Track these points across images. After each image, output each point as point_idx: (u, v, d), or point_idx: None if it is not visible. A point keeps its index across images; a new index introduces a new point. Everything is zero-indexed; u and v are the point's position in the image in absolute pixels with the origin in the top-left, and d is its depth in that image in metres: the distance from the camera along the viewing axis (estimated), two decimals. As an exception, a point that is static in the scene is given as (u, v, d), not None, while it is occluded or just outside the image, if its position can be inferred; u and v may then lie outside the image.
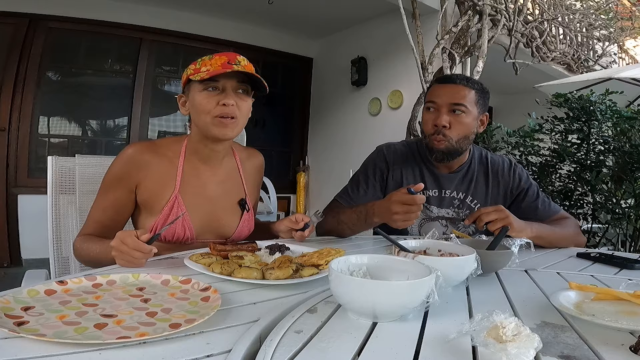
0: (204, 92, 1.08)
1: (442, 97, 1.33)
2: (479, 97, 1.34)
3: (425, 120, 1.38)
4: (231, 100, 1.08)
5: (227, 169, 1.23)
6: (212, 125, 1.09)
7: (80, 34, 3.70)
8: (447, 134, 1.32)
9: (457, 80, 1.35)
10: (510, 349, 0.43)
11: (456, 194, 1.43)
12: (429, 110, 1.37)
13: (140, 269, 0.82)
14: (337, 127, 4.56)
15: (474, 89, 1.34)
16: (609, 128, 2.52)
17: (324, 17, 4.19)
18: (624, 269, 1.03)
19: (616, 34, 5.21)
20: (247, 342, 0.51)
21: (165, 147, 1.15)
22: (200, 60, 1.09)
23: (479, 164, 1.47)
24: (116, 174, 1.10)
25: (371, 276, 0.67)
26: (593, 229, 2.62)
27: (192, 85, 1.10)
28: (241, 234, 1.23)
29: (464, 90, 1.32)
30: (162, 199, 1.11)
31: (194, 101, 1.10)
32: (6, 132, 3.36)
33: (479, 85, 1.36)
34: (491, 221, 1.15)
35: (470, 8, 3.20)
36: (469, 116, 1.33)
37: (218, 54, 1.10)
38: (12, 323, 0.53)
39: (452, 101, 1.31)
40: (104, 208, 1.10)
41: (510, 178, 1.45)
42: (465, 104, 1.31)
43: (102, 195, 1.11)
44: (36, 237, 1.70)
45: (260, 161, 1.34)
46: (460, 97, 1.31)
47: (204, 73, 1.06)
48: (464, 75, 1.38)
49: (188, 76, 1.10)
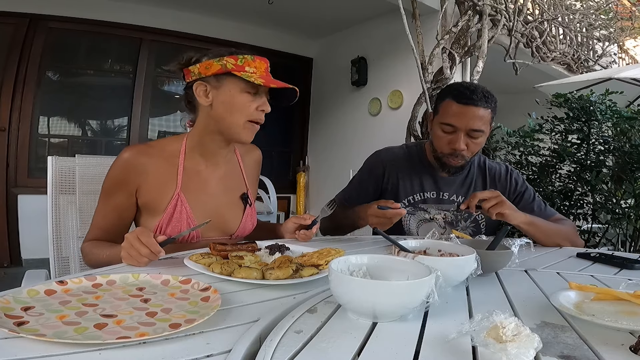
0: (245, 93, 1.07)
1: (462, 121, 1.28)
2: (493, 114, 1.32)
3: (440, 138, 1.33)
4: (269, 108, 1.10)
5: (229, 164, 1.23)
6: (242, 127, 1.09)
7: (80, 34, 3.70)
8: (464, 155, 1.33)
9: (478, 102, 1.27)
10: (510, 349, 0.43)
11: (455, 197, 1.45)
12: (446, 131, 1.31)
13: (141, 269, 0.82)
14: (337, 127, 4.56)
15: (490, 108, 1.29)
16: (609, 128, 2.52)
17: (324, 17, 4.19)
18: (624, 269, 1.03)
19: (616, 34, 5.21)
20: (247, 342, 0.51)
21: (160, 148, 1.13)
22: (242, 58, 1.06)
23: (477, 169, 1.49)
24: (115, 179, 1.09)
25: (371, 276, 0.67)
26: (593, 229, 2.62)
27: (227, 79, 1.06)
28: (245, 229, 1.23)
29: (484, 114, 1.28)
30: (164, 199, 1.10)
31: (230, 98, 1.07)
32: (6, 132, 3.36)
33: (495, 102, 1.31)
34: (485, 200, 1.19)
35: (470, 8, 3.20)
36: (484, 136, 1.33)
37: (258, 56, 1.09)
38: (12, 323, 0.53)
39: (472, 127, 1.28)
40: (105, 214, 1.10)
41: (508, 182, 1.47)
42: (484, 129, 1.30)
43: (103, 201, 1.11)
44: (36, 237, 1.70)
45: (258, 155, 1.35)
46: (481, 123, 1.28)
47: (255, 75, 1.05)
48: (482, 92, 1.29)
49: (227, 69, 1.05)
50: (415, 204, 1.46)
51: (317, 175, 4.86)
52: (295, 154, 4.98)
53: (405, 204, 1.45)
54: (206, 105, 1.09)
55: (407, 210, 1.45)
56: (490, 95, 1.31)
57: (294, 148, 4.98)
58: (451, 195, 1.45)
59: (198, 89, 1.09)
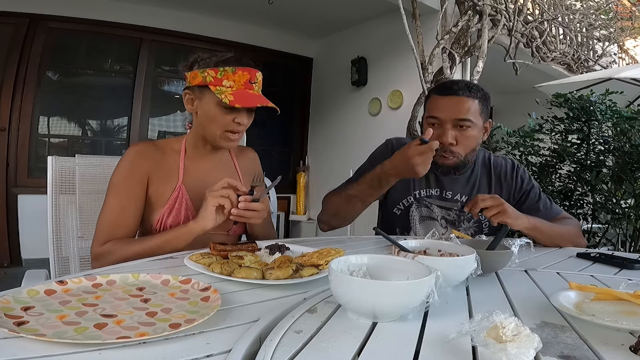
0: (220, 107, 1.10)
1: (445, 111, 1.25)
2: (482, 106, 1.28)
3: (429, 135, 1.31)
4: (245, 121, 1.13)
5: (224, 162, 1.28)
6: (219, 137, 1.14)
7: (80, 34, 3.70)
8: (454, 151, 1.27)
9: (459, 91, 1.25)
10: (510, 349, 0.43)
11: (459, 197, 1.42)
12: (432, 126, 1.28)
13: (144, 269, 0.82)
14: (337, 127, 4.56)
15: (477, 98, 1.26)
16: (609, 128, 2.52)
17: (324, 17, 4.19)
18: (624, 269, 1.03)
19: (616, 34, 5.21)
20: (247, 342, 0.51)
21: (165, 145, 1.20)
22: (223, 71, 1.08)
23: (482, 167, 1.46)
24: (127, 170, 1.11)
25: (371, 276, 0.67)
26: (593, 229, 2.62)
27: (207, 91, 1.10)
28: (241, 226, 1.25)
29: (467, 103, 1.24)
30: (167, 192, 1.15)
31: (207, 110, 1.12)
32: (6, 132, 3.36)
33: (481, 93, 1.29)
34: (487, 208, 1.16)
35: (470, 8, 3.19)
36: (475, 128, 1.27)
37: (241, 67, 1.09)
38: (12, 323, 0.53)
39: (456, 116, 1.24)
40: (122, 208, 1.09)
41: (514, 181, 1.44)
42: (471, 118, 1.25)
43: (116, 197, 1.10)
44: (36, 237, 1.70)
45: (252, 153, 1.40)
46: (465, 111, 1.24)
47: (229, 91, 1.07)
48: (464, 83, 1.29)
49: (206, 82, 1.09)
50: (420, 200, 1.44)
51: (317, 175, 4.85)
52: (295, 154, 4.98)
53: (410, 199, 1.44)
54: (192, 112, 1.17)
55: (413, 204, 1.44)
56: (475, 86, 1.29)
57: (294, 148, 4.98)
58: (455, 195, 1.42)
59: (186, 97, 1.16)
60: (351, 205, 1.32)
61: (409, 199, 1.44)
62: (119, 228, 1.09)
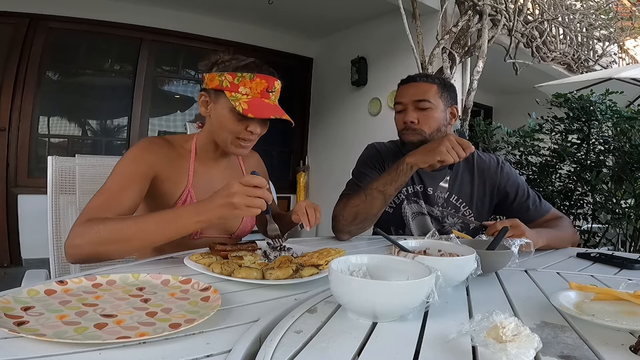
0: (233, 114, 1.06)
1: (406, 96, 1.41)
2: (442, 91, 1.40)
3: (397, 120, 1.45)
4: (258, 130, 1.10)
5: (232, 166, 1.27)
6: (230, 143, 1.11)
7: (80, 34, 3.70)
8: (417, 128, 1.38)
9: (418, 78, 1.43)
10: (510, 349, 0.43)
11: (440, 192, 1.44)
12: (399, 111, 1.44)
13: (144, 269, 0.82)
14: (337, 127, 4.56)
15: (434, 83, 1.41)
16: (609, 128, 2.51)
17: (324, 17, 4.19)
18: (624, 269, 1.03)
19: (616, 34, 5.21)
20: (247, 342, 0.51)
21: (177, 143, 1.17)
22: (240, 76, 1.04)
23: (464, 162, 1.48)
24: (134, 159, 1.05)
25: (371, 276, 0.67)
26: (593, 229, 2.62)
27: (223, 96, 1.07)
28: (244, 230, 1.25)
29: (425, 86, 1.39)
30: (176, 193, 1.12)
31: (221, 115, 1.08)
32: (6, 132, 3.36)
33: (441, 80, 1.44)
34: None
35: (470, 8, 3.20)
36: (436, 110, 1.39)
37: (259, 74, 1.06)
38: (12, 323, 0.53)
39: (415, 98, 1.38)
40: (120, 189, 0.98)
41: (497, 176, 1.46)
42: (429, 99, 1.38)
43: (114, 180, 1.00)
44: (36, 237, 1.70)
45: (257, 158, 1.40)
46: (422, 93, 1.38)
47: (244, 99, 1.04)
48: (424, 73, 1.46)
49: (222, 87, 1.05)
50: (409, 197, 1.47)
51: (317, 175, 4.86)
52: (295, 154, 4.98)
53: (401, 196, 1.46)
54: (205, 115, 1.14)
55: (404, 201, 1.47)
56: (436, 76, 1.46)
57: (294, 148, 4.98)
58: (435, 191, 1.45)
59: (201, 98, 1.13)
60: (369, 200, 1.31)
61: (400, 195, 1.47)
62: (110, 209, 0.93)
